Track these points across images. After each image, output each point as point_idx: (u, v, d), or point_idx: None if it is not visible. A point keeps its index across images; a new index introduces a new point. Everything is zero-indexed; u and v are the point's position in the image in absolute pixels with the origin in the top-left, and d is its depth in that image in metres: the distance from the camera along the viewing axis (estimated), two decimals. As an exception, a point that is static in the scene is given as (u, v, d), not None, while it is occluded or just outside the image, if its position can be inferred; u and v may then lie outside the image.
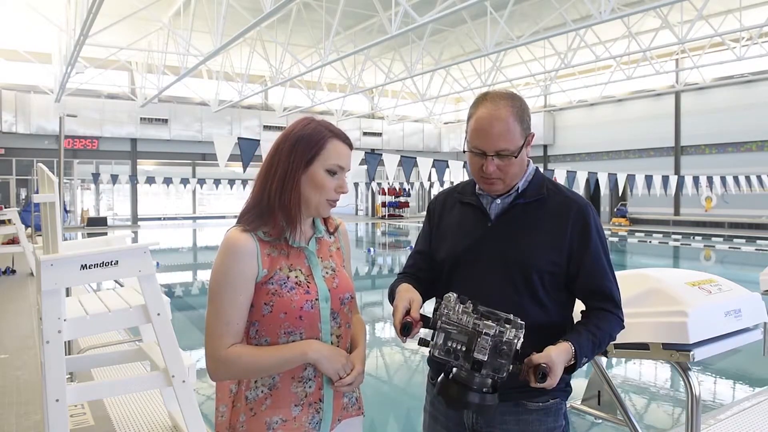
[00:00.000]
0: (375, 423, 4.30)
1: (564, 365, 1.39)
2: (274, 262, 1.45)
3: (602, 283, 1.54)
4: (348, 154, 1.51)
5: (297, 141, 1.46)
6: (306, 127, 1.49)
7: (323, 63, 15.33)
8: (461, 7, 10.80)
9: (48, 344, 2.58)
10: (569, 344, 1.42)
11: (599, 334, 1.48)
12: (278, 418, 1.43)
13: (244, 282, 1.41)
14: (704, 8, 13.61)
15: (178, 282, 11.88)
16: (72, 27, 14.24)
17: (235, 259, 1.41)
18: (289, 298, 1.43)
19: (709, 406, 4.27)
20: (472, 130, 1.53)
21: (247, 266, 1.41)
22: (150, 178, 21.84)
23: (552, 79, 22.47)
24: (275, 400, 1.44)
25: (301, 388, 1.45)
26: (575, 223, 1.54)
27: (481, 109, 1.52)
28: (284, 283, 1.44)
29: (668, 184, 11.59)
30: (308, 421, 1.46)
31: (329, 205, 1.50)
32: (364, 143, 28.65)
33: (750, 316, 2.40)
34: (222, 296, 1.41)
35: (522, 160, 1.55)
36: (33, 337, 5.74)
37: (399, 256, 15.93)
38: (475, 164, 1.55)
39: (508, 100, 1.51)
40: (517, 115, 1.50)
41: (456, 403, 1.35)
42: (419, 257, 1.74)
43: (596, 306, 1.55)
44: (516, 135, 1.50)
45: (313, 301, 1.45)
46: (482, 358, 1.30)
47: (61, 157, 5.63)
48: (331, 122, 1.53)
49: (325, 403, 1.48)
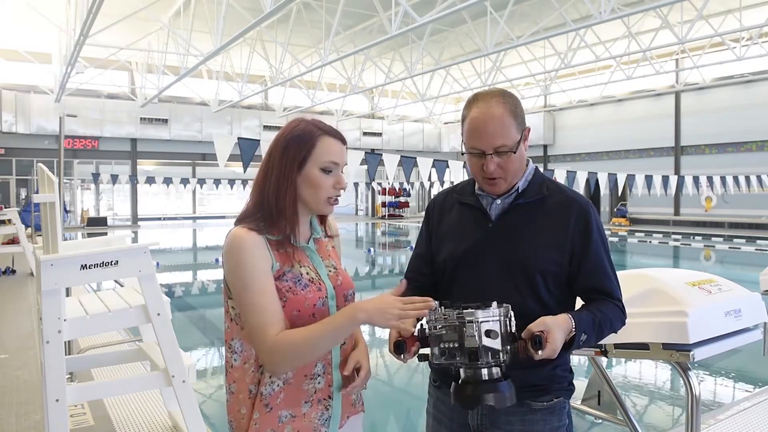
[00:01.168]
0: (375, 423, 4.30)
1: (563, 335, 1.37)
2: (284, 259, 1.45)
3: (603, 283, 1.54)
4: (341, 149, 1.50)
5: (288, 143, 1.46)
6: (296, 128, 1.48)
7: (323, 63, 15.33)
8: (461, 7, 10.80)
9: (48, 344, 2.58)
10: (567, 315, 1.41)
11: (600, 315, 1.47)
12: (288, 413, 1.43)
13: (265, 270, 1.40)
14: (704, 8, 13.61)
15: (178, 282, 11.88)
16: (72, 27, 14.24)
17: (249, 252, 1.39)
18: (303, 295, 1.43)
19: (709, 406, 4.27)
20: (468, 131, 1.53)
21: (262, 257, 1.40)
22: (150, 178, 21.83)
23: (552, 79, 22.47)
24: (287, 395, 1.44)
25: (311, 385, 1.46)
26: (577, 222, 1.54)
27: (474, 109, 1.52)
28: (299, 280, 1.44)
29: (668, 184, 11.60)
30: (317, 417, 1.46)
31: (329, 203, 1.50)
32: (364, 143, 28.65)
33: (750, 316, 2.40)
34: (250, 289, 1.38)
35: (521, 155, 1.54)
36: (33, 337, 5.74)
37: (399, 256, 15.93)
38: (475, 165, 1.55)
39: (499, 98, 1.51)
40: (510, 111, 1.50)
41: (473, 401, 1.34)
42: (419, 261, 1.73)
43: (597, 299, 1.55)
44: (512, 130, 1.50)
45: (324, 298, 1.46)
46: (474, 345, 1.29)
47: (61, 157, 5.63)
48: (323, 120, 1.53)
49: (335, 399, 1.48)
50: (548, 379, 1.55)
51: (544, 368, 1.53)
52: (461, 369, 1.34)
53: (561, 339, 1.36)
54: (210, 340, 7.32)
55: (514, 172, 1.55)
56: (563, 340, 1.37)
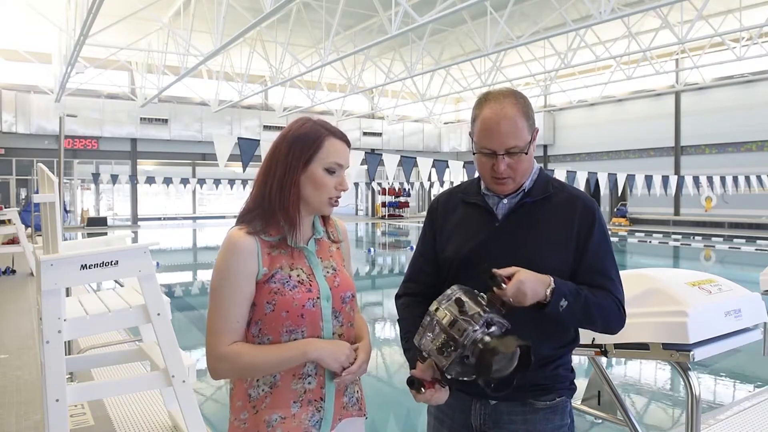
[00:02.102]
0: (375, 423, 4.30)
1: (536, 284, 1.37)
2: (275, 261, 1.46)
3: (603, 280, 1.54)
4: (346, 151, 1.51)
5: (294, 141, 1.47)
6: (302, 126, 1.49)
7: (323, 63, 15.33)
8: (461, 7, 10.81)
9: (48, 344, 2.58)
10: (548, 276, 1.41)
11: (587, 294, 1.46)
12: (277, 416, 1.43)
13: (244, 280, 1.42)
14: (704, 8, 13.60)
15: (178, 282, 11.88)
16: (72, 27, 14.24)
17: (235, 258, 1.42)
18: (291, 296, 1.43)
19: (709, 406, 4.27)
20: (480, 131, 1.52)
21: (247, 264, 1.42)
22: (150, 178, 21.84)
23: (552, 79, 22.47)
24: (275, 397, 1.44)
25: (300, 385, 1.46)
26: (582, 219, 1.54)
27: (486, 109, 1.51)
28: (286, 282, 1.44)
29: (668, 184, 11.59)
30: (308, 419, 1.46)
31: (330, 203, 1.50)
32: (364, 143, 28.64)
33: (750, 316, 2.40)
34: (222, 294, 1.42)
35: (531, 156, 1.55)
36: (33, 337, 5.74)
37: (399, 256, 15.93)
38: (484, 165, 1.55)
39: (512, 98, 1.51)
40: (523, 112, 1.50)
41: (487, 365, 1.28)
42: (423, 261, 1.71)
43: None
44: (524, 131, 1.50)
45: (315, 299, 1.46)
46: (451, 318, 1.29)
47: (61, 157, 5.63)
48: (328, 121, 1.54)
49: (326, 401, 1.48)
50: (550, 379, 1.55)
51: (547, 368, 1.54)
52: (467, 356, 1.30)
53: (529, 280, 1.36)
54: (210, 340, 7.31)
55: (523, 172, 1.55)
56: (535, 288, 1.36)
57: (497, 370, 1.29)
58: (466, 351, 1.29)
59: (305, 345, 1.42)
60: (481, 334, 1.28)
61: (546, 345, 1.52)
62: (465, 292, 1.35)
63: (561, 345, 1.57)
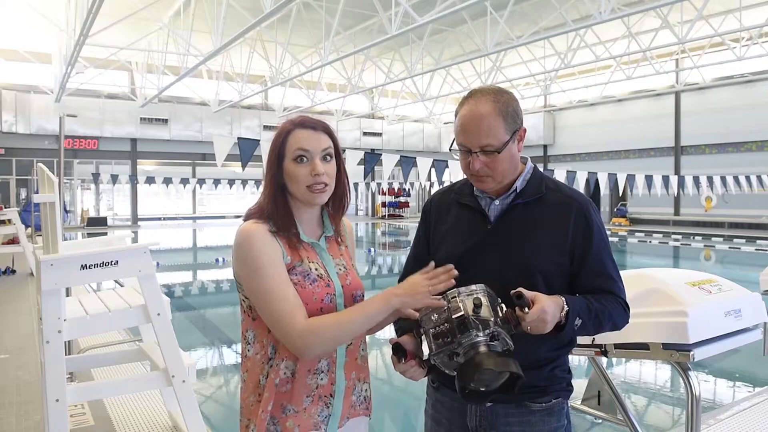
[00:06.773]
0: (375, 424, 4.30)
1: (554, 307, 1.36)
2: (295, 253, 1.47)
3: (606, 282, 1.53)
4: (308, 136, 1.48)
5: (271, 144, 1.53)
6: (278, 131, 1.54)
7: (323, 63, 15.33)
8: (461, 7, 10.81)
9: (48, 344, 2.58)
10: (559, 296, 1.41)
11: (597, 305, 1.47)
12: (291, 407, 1.45)
13: (279, 260, 1.42)
14: (704, 8, 13.60)
15: (178, 282, 11.88)
16: (72, 27, 14.25)
17: (260, 243, 1.42)
18: (311, 290, 1.44)
19: (709, 406, 4.27)
20: (457, 128, 1.54)
21: (273, 247, 1.43)
22: (150, 178, 21.83)
23: (552, 79, 22.46)
24: (293, 388, 1.45)
25: (314, 381, 1.47)
26: (577, 221, 1.53)
27: (464, 107, 1.52)
28: (307, 275, 1.46)
29: (668, 184, 11.59)
30: (317, 414, 1.47)
31: (311, 191, 1.48)
32: (364, 143, 28.64)
33: (750, 316, 2.40)
34: (268, 279, 1.40)
35: (511, 156, 1.52)
36: (33, 337, 5.74)
37: (399, 256, 15.93)
38: (463, 162, 1.56)
39: (490, 96, 1.50)
40: (499, 111, 1.48)
41: (473, 373, 1.27)
42: (416, 262, 1.69)
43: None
44: (499, 130, 1.48)
45: (332, 295, 1.48)
46: (461, 313, 1.29)
47: (61, 157, 5.62)
48: (328, 121, 1.55)
49: (335, 398, 1.49)
50: (547, 380, 1.55)
51: (543, 369, 1.53)
52: (458, 354, 1.29)
53: (551, 308, 1.35)
54: (210, 340, 7.32)
55: (503, 171, 1.53)
56: (554, 314, 1.36)
57: (479, 380, 1.28)
58: (459, 349, 1.29)
59: (386, 295, 1.38)
60: (482, 344, 1.28)
61: (542, 347, 1.51)
62: (487, 295, 1.35)
63: (557, 347, 1.56)
